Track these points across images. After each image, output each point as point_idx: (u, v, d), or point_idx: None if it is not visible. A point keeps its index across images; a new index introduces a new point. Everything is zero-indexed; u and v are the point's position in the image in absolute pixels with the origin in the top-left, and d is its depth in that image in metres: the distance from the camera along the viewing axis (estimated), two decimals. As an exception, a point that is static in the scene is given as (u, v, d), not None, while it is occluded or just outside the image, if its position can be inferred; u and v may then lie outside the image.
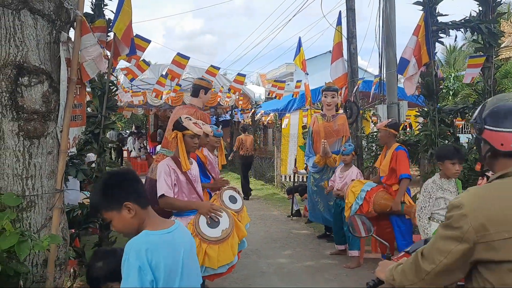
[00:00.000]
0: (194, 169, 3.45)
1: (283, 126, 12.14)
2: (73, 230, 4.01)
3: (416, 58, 4.84)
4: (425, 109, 5.22)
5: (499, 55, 5.31)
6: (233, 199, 3.73)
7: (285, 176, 11.51)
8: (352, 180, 5.08)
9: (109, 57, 4.35)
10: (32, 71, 2.36)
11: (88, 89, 4.85)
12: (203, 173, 4.03)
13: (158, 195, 3.17)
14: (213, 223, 3.16)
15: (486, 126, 1.42)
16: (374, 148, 7.92)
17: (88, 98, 5.63)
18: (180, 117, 3.39)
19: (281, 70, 28.69)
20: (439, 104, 5.23)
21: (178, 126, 3.31)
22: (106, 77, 4.39)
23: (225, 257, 3.08)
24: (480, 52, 5.06)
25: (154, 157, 7.98)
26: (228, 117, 17.26)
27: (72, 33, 2.61)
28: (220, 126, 6.55)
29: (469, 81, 4.99)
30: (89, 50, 2.80)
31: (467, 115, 5.29)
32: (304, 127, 9.71)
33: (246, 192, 9.85)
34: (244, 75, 9.99)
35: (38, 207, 2.49)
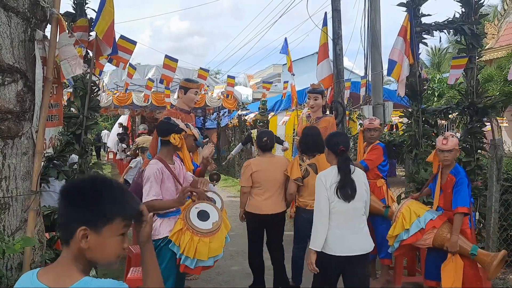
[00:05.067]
0: (177, 167, 3.48)
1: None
2: (54, 233, 3.94)
3: (408, 59, 4.86)
4: (409, 109, 5.25)
5: (482, 56, 5.36)
6: (212, 201, 3.74)
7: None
8: None
9: (89, 57, 4.29)
10: (6, 70, 2.29)
11: (70, 89, 4.79)
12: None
13: (146, 199, 3.18)
14: (204, 216, 3.25)
15: None
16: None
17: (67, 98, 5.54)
18: (174, 120, 3.46)
19: (268, 71, 28.76)
20: (423, 105, 5.27)
21: (175, 129, 3.34)
22: (88, 77, 4.32)
23: (215, 249, 3.19)
24: (463, 53, 5.11)
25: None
26: (214, 122, 17.20)
27: (48, 32, 2.56)
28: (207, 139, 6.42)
29: (453, 82, 5.04)
30: (64, 50, 2.74)
31: (450, 115, 5.33)
32: None
33: None
34: (233, 77, 10.03)
35: (12, 209, 2.42)
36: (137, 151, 11.10)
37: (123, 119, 18.25)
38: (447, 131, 13.26)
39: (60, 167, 4.07)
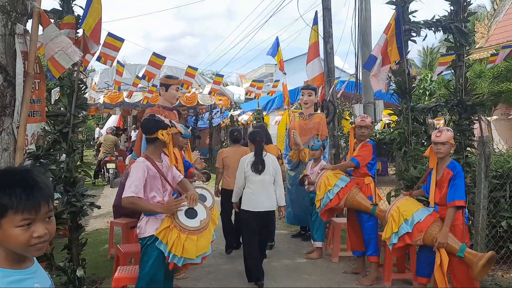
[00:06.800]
0: (165, 165, 3.44)
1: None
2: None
3: (382, 56, 4.88)
4: (399, 107, 5.26)
5: (470, 54, 5.38)
6: (202, 197, 3.71)
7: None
8: (323, 168, 5.03)
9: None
10: (-14, 64, 2.25)
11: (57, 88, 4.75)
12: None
13: (124, 195, 3.12)
14: (191, 214, 3.19)
15: None
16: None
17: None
18: (159, 116, 3.42)
19: (261, 70, 28.77)
20: (412, 103, 5.28)
21: (162, 124, 3.31)
22: (75, 75, 4.27)
23: (202, 247, 3.14)
24: (452, 51, 5.14)
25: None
26: (206, 122, 17.16)
27: (30, 26, 2.51)
28: (190, 128, 6.72)
29: (435, 77, 5.09)
30: (56, 41, 2.70)
31: (439, 113, 5.35)
32: None
33: None
34: (221, 76, 9.95)
35: (-7, 207, 2.37)
36: (99, 148, 12.65)
37: (114, 119, 18.13)
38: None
39: (47, 166, 4.01)
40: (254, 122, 12.02)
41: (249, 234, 4.59)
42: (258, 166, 4.53)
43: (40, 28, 2.62)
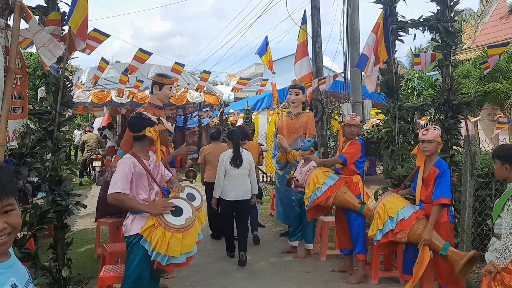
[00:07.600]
0: (152, 163, 3.41)
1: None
2: (26, 231, 3.84)
3: (375, 55, 4.89)
4: (387, 106, 5.28)
5: (456, 54, 5.42)
6: (191, 197, 3.68)
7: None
8: (314, 167, 5.04)
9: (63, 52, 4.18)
10: (-35, 59, 2.21)
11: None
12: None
13: (110, 191, 3.07)
14: (177, 211, 3.16)
15: None
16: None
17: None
18: (146, 114, 3.39)
19: (250, 70, 28.76)
20: (400, 102, 5.30)
21: (149, 122, 3.28)
22: (60, 72, 4.20)
23: (187, 245, 3.11)
24: (439, 51, 5.18)
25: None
26: (196, 122, 17.07)
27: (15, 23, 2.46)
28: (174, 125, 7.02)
29: (418, 69, 5.14)
30: (37, 37, 2.65)
31: (426, 112, 5.39)
32: None
33: None
34: (209, 73, 9.90)
35: (-26, 205, 2.32)
36: (83, 147, 12.73)
37: (99, 119, 17.93)
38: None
39: (32, 165, 3.95)
40: (240, 121, 11.98)
41: (226, 218, 5.44)
42: (237, 160, 5.21)
43: (23, 22, 2.57)
